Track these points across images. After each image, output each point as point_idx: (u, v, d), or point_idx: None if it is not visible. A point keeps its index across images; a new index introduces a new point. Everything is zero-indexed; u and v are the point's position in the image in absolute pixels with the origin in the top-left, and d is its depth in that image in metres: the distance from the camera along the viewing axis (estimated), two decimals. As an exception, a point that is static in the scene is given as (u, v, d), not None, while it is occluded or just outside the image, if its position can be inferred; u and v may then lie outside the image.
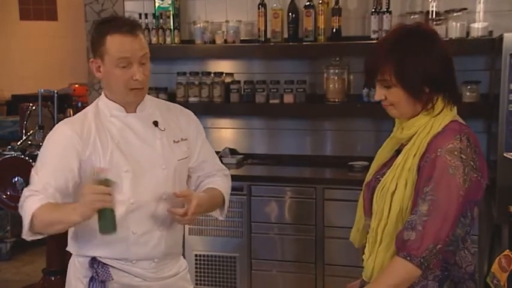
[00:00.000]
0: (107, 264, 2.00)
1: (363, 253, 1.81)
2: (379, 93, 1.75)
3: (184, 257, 2.26)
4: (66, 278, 2.12)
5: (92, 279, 1.99)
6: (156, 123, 2.05)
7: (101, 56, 1.95)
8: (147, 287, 2.05)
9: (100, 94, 2.13)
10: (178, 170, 2.07)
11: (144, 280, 2.03)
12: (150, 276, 2.03)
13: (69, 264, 2.11)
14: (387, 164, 1.81)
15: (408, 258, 1.62)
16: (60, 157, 1.95)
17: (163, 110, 2.12)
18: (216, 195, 2.15)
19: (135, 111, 2.04)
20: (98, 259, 2.01)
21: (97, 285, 1.98)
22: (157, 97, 2.76)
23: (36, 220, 1.85)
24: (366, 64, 1.76)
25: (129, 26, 1.93)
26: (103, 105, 2.04)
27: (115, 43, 1.92)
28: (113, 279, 1.99)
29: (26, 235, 1.90)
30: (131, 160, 1.97)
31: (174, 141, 2.07)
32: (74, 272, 2.08)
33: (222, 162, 2.51)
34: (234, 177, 3.84)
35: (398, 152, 1.79)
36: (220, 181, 2.20)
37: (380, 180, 1.75)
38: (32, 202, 1.87)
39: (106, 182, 1.79)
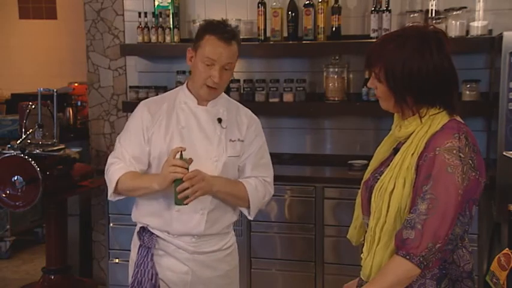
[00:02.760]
0: (154, 234, 2.29)
1: (362, 251, 1.80)
2: (371, 82, 1.78)
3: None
4: (131, 246, 2.41)
5: (140, 246, 2.29)
6: (219, 120, 2.29)
7: (195, 48, 2.23)
8: (189, 259, 2.29)
9: (100, 94, 2.17)
10: (228, 164, 2.28)
11: (185, 251, 2.28)
12: (190, 249, 2.28)
13: (133, 237, 2.40)
14: (385, 163, 1.81)
15: (407, 257, 1.62)
16: (135, 132, 2.27)
17: (232, 111, 2.35)
18: (238, 187, 2.30)
19: (205, 105, 2.29)
20: (147, 228, 2.31)
21: (143, 250, 2.27)
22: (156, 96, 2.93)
23: (121, 185, 2.23)
24: (367, 55, 1.77)
25: (227, 34, 2.19)
26: (182, 92, 2.32)
27: (209, 43, 2.18)
28: (156, 247, 2.26)
29: (111, 197, 2.28)
30: (188, 147, 2.17)
31: (231, 140, 2.30)
32: (134, 238, 2.38)
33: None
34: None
35: (396, 150, 1.79)
36: (252, 181, 2.33)
37: (378, 179, 1.75)
38: (116, 169, 2.24)
39: (182, 158, 2.10)
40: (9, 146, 4.01)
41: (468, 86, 3.68)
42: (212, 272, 2.34)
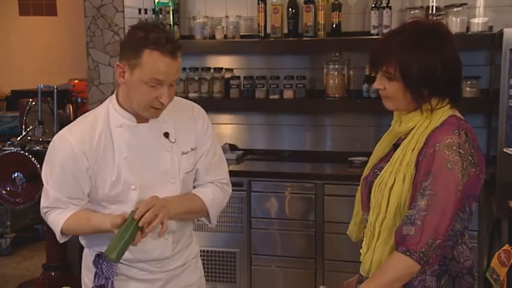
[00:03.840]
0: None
1: (361, 247, 1.81)
2: (379, 83, 1.74)
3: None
4: (82, 267, 2.13)
5: (96, 274, 1.97)
6: (166, 135, 1.95)
7: (130, 65, 1.81)
8: (154, 280, 2.02)
9: (100, 90, 2.09)
10: (186, 182, 2.00)
11: (150, 273, 2.01)
12: (155, 270, 2.01)
13: (83, 255, 2.13)
14: (385, 159, 1.81)
15: (407, 253, 1.62)
16: (68, 178, 1.90)
17: (176, 113, 1.98)
18: (195, 202, 2.03)
19: (147, 121, 1.93)
20: (103, 254, 1.94)
21: (101, 280, 1.96)
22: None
23: (67, 231, 1.95)
24: (373, 53, 1.75)
25: (171, 46, 1.79)
26: (113, 111, 1.92)
27: (152, 61, 1.78)
28: (116, 275, 1.96)
29: (60, 239, 2.00)
30: (139, 176, 1.90)
31: (183, 153, 1.98)
32: (85, 262, 2.09)
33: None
34: (233, 173, 3.84)
35: (396, 146, 1.79)
36: (209, 191, 2.06)
37: (378, 175, 1.75)
38: (55, 218, 1.95)
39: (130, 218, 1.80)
40: (9, 142, 4.02)
41: (468, 82, 3.68)
42: (186, 281, 2.10)
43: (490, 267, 1.39)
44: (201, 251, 2.21)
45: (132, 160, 1.90)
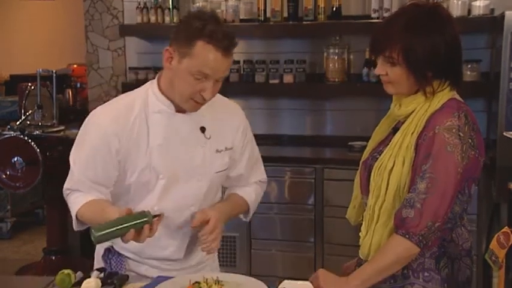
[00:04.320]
0: (122, 255, 1.93)
1: (360, 231, 1.81)
2: (381, 69, 1.72)
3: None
4: (94, 261, 2.04)
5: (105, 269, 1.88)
6: (203, 129, 1.87)
7: (180, 53, 1.74)
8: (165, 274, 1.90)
9: (99, 74, 2.05)
10: (214, 182, 1.93)
11: (161, 271, 1.91)
12: (167, 268, 1.93)
13: (95, 249, 2.04)
14: (384, 142, 1.81)
15: (407, 236, 1.62)
16: (96, 158, 1.82)
17: (216, 110, 1.91)
18: (240, 204, 2.02)
19: (185, 112, 1.85)
20: (113, 249, 1.94)
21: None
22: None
23: (81, 218, 1.84)
24: (374, 39, 1.73)
25: (227, 42, 1.73)
26: (153, 97, 1.84)
27: (204, 54, 1.71)
28: (125, 271, 1.89)
29: (75, 227, 1.89)
30: (169, 168, 1.83)
31: (217, 151, 1.90)
32: (97, 256, 2.01)
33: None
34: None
35: (395, 130, 1.79)
36: (253, 192, 2.05)
37: (377, 158, 1.75)
38: (74, 201, 1.85)
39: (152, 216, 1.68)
40: (8, 127, 4.02)
41: (469, 66, 3.66)
42: None
43: (489, 249, 1.39)
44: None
45: (165, 149, 1.83)
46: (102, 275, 1.76)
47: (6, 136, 3.90)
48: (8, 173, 3.86)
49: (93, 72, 4.53)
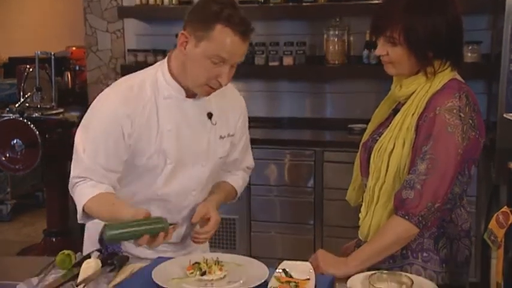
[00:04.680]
0: None
1: (360, 212, 1.81)
2: (382, 49, 1.71)
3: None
4: (84, 240, 2.03)
5: (101, 251, 1.83)
6: (210, 116, 1.88)
7: (197, 37, 1.71)
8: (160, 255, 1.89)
9: (98, 57, 2.02)
10: (216, 167, 1.95)
11: (156, 252, 1.88)
12: (161, 249, 1.89)
13: (86, 229, 2.02)
14: (384, 124, 1.80)
15: (406, 217, 1.62)
16: (108, 141, 1.77)
17: (220, 97, 1.90)
18: (231, 193, 2.05)
19: (194, 97, 1.85)
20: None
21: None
22: (155, 60, 2.44)
23: (87, 210, 1.77)
24: (375, 19, 1.72)
25: (245, 28, 1.72)
26: (162, 80, 1.82)
27: (222, 37, 1.69)
28: (122, 252, 1.85)
29: (80, 220, 1.83)
30: (177, 153, 1.83)
31: (221, 137, 1.92)
32: (89, 236, 1.99)
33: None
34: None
35: (395, 111, 1.78)
36: (240, 179, 2.08)
37: (377, 140, 1.75)
38: (83, 192, 1.77)
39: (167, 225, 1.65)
40: (7, 109, 4.02)
41: (470, 47, 3.65)
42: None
43: (488, 228, 1.40)
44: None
45: (175, 134, 1.82)
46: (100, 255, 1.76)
47: (6, 118, 3.91)
48: (7, 155, 3.86)
49: (92, 54, 4.51)
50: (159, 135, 1.81)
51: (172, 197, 1.87)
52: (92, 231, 1.94)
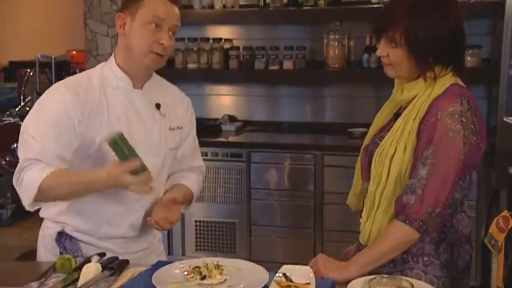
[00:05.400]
0: (74, 238, 1.93)
1: (361, 217, 1.81)
2: (382, 50, 1.72)
3: (184, 223, 2.23)
4: (37, 250, 2.05)
5: (61, 254, 1.89)
6: (158, 106, 1.96)
7: (131, 12, 1.85)
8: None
9: (98, 61, 2.06)
10: (167, 159, 2.00)
11: (114, 254, 1.85)
12: (119, 251, 1.92)
13: (39, 236, 2.05)
14: (386, 128, 1.80)
15: (407, 221, 1.62)
16: (60, 126, 1.80)
17: (166, 92, 2.02)
18: (187, 194, 2.06)
19: (141, 88, 1.94)
20: (64, 232, 1.94)
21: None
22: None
23: (46, 188, 1.76)
24: (379, 19, 1.73)
25: None
26: (109, 73, 1.91)
27: (154, 2, 1.84)
28: (82, 254, 1.88)
29: (30, 206, 1.84)
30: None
31: (170, 128, 1.99)
32: (44, 242, 2.02)
33: (221, 129, 2.24)
34: (233, 144, 3.86)
35: (396, 115, 1.78)
36: (194, 180, 2.10)
37: (378, 144, 1.74)
38: (35, 174, 1.76)
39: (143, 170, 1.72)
40: (8, 113, 4.03)
41: (470, 51, 3.65)
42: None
43: (488, 233, 1.39)
44: (201, 221, 2.21)
45: (124, 123, 1.87)
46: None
47: (6, 122, 3.91)
48: (7, 159, 3.87)
49: (92, 58, 4.52)
50: (109, 123, 1.86)
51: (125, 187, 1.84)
52: (48, 237, 1.99)
